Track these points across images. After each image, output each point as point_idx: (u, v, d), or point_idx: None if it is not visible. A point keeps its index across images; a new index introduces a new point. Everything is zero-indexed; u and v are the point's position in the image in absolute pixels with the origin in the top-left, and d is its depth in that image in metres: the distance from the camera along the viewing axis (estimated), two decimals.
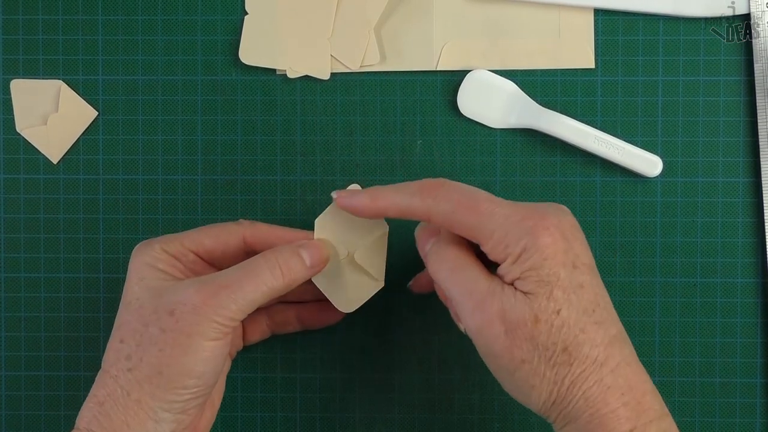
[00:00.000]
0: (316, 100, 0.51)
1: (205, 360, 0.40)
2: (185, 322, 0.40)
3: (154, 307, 0.41)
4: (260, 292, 0.41)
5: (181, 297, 0.40)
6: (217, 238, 0.44)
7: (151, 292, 0.41)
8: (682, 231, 0.50)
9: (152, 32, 0.51)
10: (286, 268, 0.42)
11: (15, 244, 0.51)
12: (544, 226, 0.38)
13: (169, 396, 0.40)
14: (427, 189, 0.40)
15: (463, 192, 0.40)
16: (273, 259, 0.42)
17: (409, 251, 0.47)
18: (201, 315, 0.40)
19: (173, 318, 0.40)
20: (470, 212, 0.39)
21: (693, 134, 0.50)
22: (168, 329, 0.40)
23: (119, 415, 0.40)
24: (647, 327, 0.50)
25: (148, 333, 0.40)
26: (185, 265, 0.44)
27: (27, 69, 0.51)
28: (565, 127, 0.49)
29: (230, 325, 0.41)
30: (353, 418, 0.51)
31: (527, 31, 0.50)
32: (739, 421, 0.50)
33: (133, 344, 0.40)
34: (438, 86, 0.51)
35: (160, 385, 0.40)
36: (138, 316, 0.41)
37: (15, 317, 0.51)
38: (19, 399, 0.51)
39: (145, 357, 0.40)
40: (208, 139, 0.51)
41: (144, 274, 0.42)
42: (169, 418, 0.40)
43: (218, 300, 0.40)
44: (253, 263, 0.42)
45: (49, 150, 0.51)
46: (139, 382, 0.40)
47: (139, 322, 0.41)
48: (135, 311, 0.41)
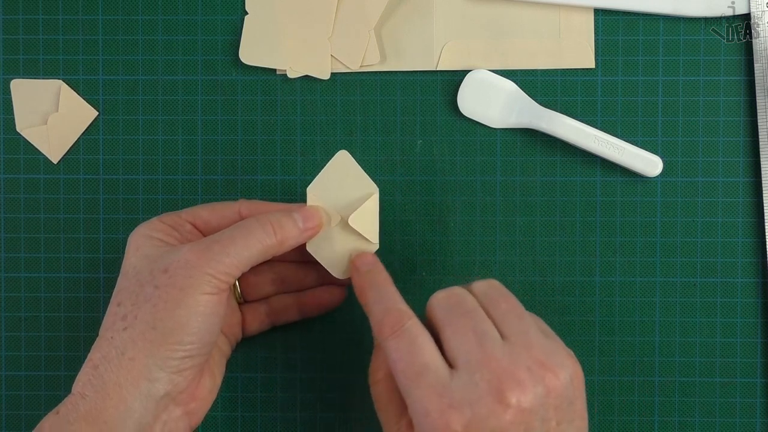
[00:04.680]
0: (316, 100, 0.51)
1: (199, 314, 0.40)
2: (178, 276, 0.40)
3: (149, 270, 0.41)
4: (254, 248, 0.42)
5: (175, 256, 0.41)
6: (213, 209, 0.45)
7: (147, 258, 0.42)
8: (682, 231, 0.50)
9: (152, 32, 0.51)
10: (278, 226, 0.43)
11: (15, 244, 0.51)
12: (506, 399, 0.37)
13: (163, 352, 0.40)
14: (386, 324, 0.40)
15: (402, 357, 0.39)
16: (265, 218, 0.43)
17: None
18: (194, 269, 0.40)
19: (167, 274, 0.40)
20: (401, 379, 0.39)
21: (693, 134, 0.50)
22: (161, 285, 0.40)
23: (112, 375, 0.40)
24: (647, 327, 0.50)
25: (143, 292, 0.41)
26: (181, 234, 0.44)
27: (27, 69, 0.51)
28: (565, 127, 0.49)
29: (224, 280, 0.41)
30: (353, 418, 0.51)
31: (527, 31, 0.50)
32: (739, 421, 0.50)
33: (129, 305, 0.41)
34: (438, 86, 0.51)
35: (154, 341, 0.40)
36: (135, 280, 0.41)
37: (15, 317, 0.51)
38: (19, 399, 0.51)
39: (139, 314, 0.40)
40: (209, 139, 0.51)
41: (140, 244, 0.43)
42: (164, 377, 0.40)
43: (211, 254, 0.41)
44: (246, 222, 0.43)
45: (49, 150, 0.51)
46: (133, 339, 0.40)
47: (136, 285, 0.41)
48: (132, 276, 0.42)
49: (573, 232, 0.50)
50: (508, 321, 0.39)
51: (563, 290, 0.50)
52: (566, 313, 0.50)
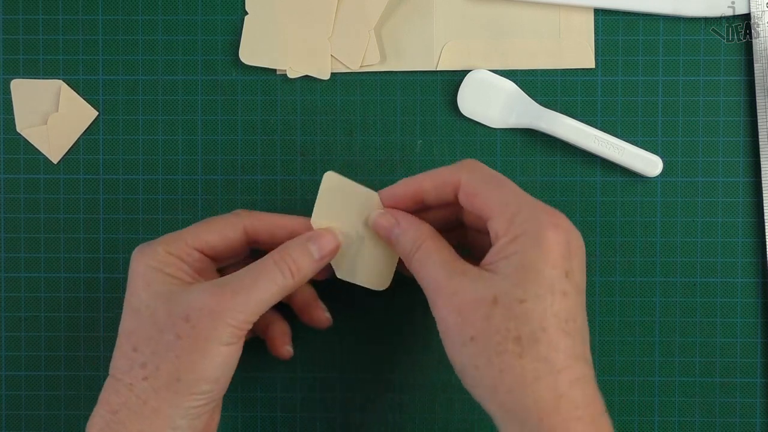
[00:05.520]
0: (316, 100, 0.51)
1: (221, 365, 0.40)
2: (202, 328, 0.40)
3: (167, 313, 0.40)
4: (271, 292, 0.41)
5: (196, 302, 0.40)
6: (219, 233, 0.44)
7: (161, 297, 0.41)
8: (682, 231, 0.50)
9: (152, 32, 0.51)
10: (296, 268, 0.42)
11: (15, 244, 0.51)
12: (556, 224, 0.38)
13: (187, 402, 0.40)
14: (462, 164, 0.41)
15: (494, 172, 0.41)
16: (281, 259, 0.42)
17: None
18: (217, 319, 0.40)
19: (189, 324, 0.40)
20: (497, 186, 0.40)
21: (693, 134, 0.50)
22: (184, 335, 0.40)
23: (135, 424, 0.40)
24: (647, 327, 0.50)
25: (163, 340, 0.40)
26: (190, 265, 0.43)
27: (27, 69, 0.51)
28: (565, 127, 0.49)
29: (244, 329, 0.41)
30: (353, 418, 0.51)
31: (527, 31, 0.50)
32: (739, 421, 0.50)
33: (148, 352, 0.40)
34: (438, 86, 0.51)
35: (178, 392, 0.40)
36: (151, 323, 0.40)
37: (15, 317, 0.51)
38: (19, 399, 0.51)
39: (161, 365, 0.40)
40: (209, 139, 0.51)
41: (150, 278, 0.41)
42: (185, 424, 0.40)
43: (234, 303, 0.40)
44: (263, 265, 0.42)
45: (49, 150, 0.51)
46: (156, 390, 0.40)
47: (153, 329, 0.40)
48: (147, 318, 0.40)
49: None
50: None
51: None
52: None
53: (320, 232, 0.43)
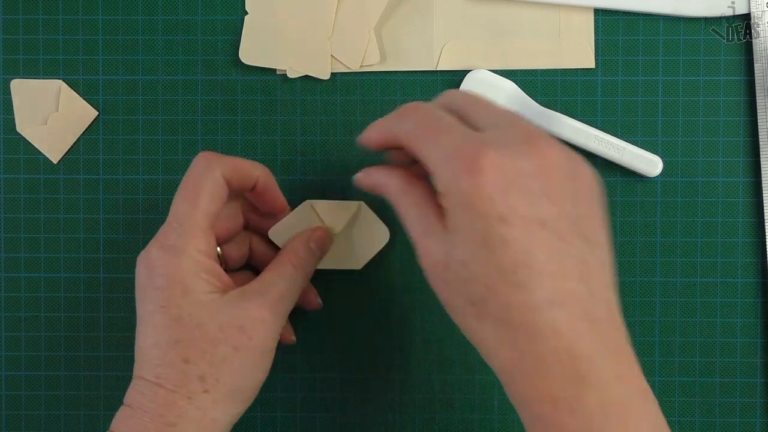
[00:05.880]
0: (316, 100, 0.51)
1: (268, 370, 0.42)
2: (259, 338, 0.41)
3: (218, 327, 0.40)
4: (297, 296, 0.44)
5: (248, 312, 0.41)
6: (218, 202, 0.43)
7: (205, 309, 0.41)
8: (682, 231, 0.50)
9: (152, 32, 0.51)
10: (309, 269, 0.45)
11: (15, 244, 0.51)
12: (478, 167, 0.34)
13: (239, 409, 0.42)
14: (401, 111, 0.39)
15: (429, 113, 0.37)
16: (301, 267, 0.44)
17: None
18: (270, 329, 0.41)
19: (245, 335, 0.40)
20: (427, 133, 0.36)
21: (693, 134, 0.50)
22: (241, 347, 0.40)
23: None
24: (647, 327, 0.50)
25: (219, 353, 0.40)
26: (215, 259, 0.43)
27: (27, 69, 0.51)
28: (565, 127, 0.49)
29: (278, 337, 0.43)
30: (353, 418, 0.51)
31: (527, 31, 0.50)
32: (739, 421, 0.50)
33: (204, 365, 0.40)
34: (438, 86, 0.51)
35: (234, 400, 0.41)
36: (201, 335, 0.40)
37: (15, 317, 0.51)
38: (19, 399, 0.51)
39: (221, 377, 0.40)
40: (209, 139, 0.51)
41: (189, 286, 0.41)
42: (229, 428, 0.42)
43: (280, 312, 0.42)
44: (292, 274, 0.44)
45: (49, 150, 0.51)
46: (215, 401, 0.40)
47: (205, 342, 0.40)
48: (194, 329, 0.40)
49: None
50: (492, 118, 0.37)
51: None
52: None
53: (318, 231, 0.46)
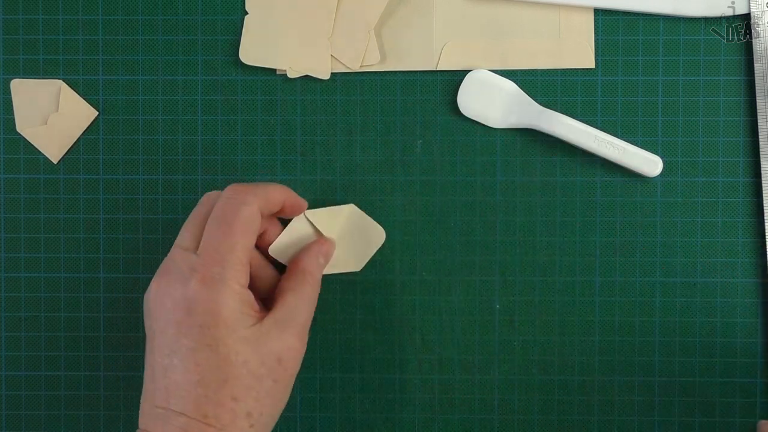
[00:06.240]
0: (316, 100, 0.51)
1: None
2: (291, 367, 0.43)
3: (260, 361, 0.42)
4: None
5: (285, 344, 0.43)
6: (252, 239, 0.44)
7: (249, 344, 0.42)
8: (682, 231, 0.50)
9: (152, 32, 0.51)
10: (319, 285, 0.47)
11: (15, 244, 0.51)
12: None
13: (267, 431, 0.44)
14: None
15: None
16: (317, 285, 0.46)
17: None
18: (300, 356, 0.44)
19: (282, 366, 0.42)
20: None
21: (693, 134, 0.50)
22: (280, 378, 0.42)
23: None
24: (647, 327, 0.50)
25: (263, 387, 0.42)
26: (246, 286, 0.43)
27: (27, 69, 0.51)
28: (565, 127, 0.49)
29: None
30: (353, 418, 0.51)
31: (527, 31, 0.50)
32: (739, 421, 0.50)
33: (251, 401, 0.41)
34: (438, 86, 0.51)
35: (268, 427, 0.43)
36: (246, 371, 0.41)
37: (15, 317, 0.51)
38: (19, 399, 0.51)
39: (264, 410, 0.42)
40: (209, 139, 0.51)
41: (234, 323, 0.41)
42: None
43: (306, 337, 0.44)
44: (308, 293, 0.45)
45: (49, 150, 0.51)
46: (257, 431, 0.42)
47: (251, 378, 0.41)
48: (240, 366, 0.41)
49: (573, 232, 0.50)
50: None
51: (563, 290, 0.50)
52: (566, 313, 0.50)
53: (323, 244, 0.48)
